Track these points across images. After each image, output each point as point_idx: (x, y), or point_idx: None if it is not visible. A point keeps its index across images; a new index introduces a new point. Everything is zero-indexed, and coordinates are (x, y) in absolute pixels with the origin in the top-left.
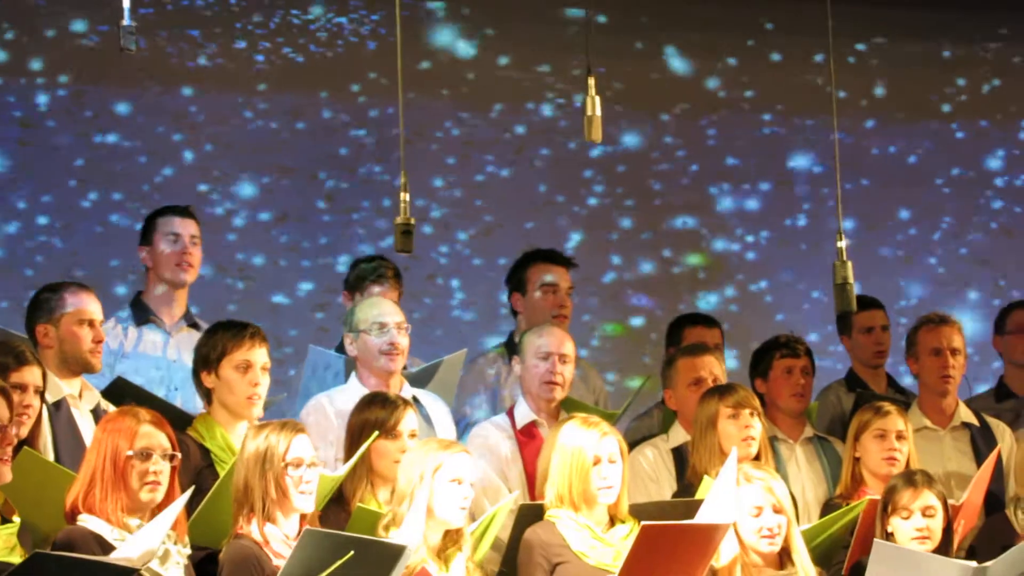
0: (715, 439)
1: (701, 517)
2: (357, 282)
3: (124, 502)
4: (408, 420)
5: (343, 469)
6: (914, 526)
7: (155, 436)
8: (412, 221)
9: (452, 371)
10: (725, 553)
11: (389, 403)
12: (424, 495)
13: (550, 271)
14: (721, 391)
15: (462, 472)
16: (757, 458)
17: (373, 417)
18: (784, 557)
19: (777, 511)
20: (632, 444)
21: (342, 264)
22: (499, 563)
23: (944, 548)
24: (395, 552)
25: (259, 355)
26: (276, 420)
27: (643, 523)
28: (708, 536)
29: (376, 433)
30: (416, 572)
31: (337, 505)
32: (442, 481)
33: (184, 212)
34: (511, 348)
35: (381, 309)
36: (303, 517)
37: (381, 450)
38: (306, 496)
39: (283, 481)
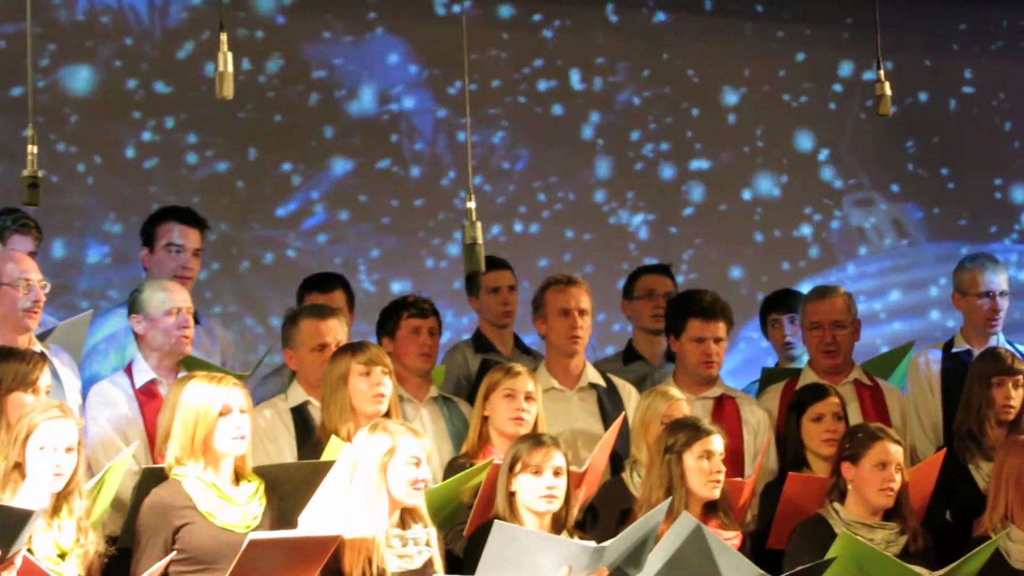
0: (346, 397)
1: (307, 528)
2: None
3: None
4: (45, 375)
5: None
6: (545, 484)
7: None
8: (39, 174)
9: (77, 332)
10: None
11: (26, 356)
12: (14, 458)
13: (177, 231)
14: (352, 348)
15: (51, 439)
16: (388, 415)
17: (11, 371)
18: (406, 513)
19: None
20: (259, 402)
21: None
22: (120, 526)
23: (564, 512)
24: (21, 517)
25: None
26: None
27: (249, 537)
28: (317, 548)
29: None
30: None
31: None
32: (33, 447)
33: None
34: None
35: (24, 265)
36: None
37: (18, 404)
38: None
39: None
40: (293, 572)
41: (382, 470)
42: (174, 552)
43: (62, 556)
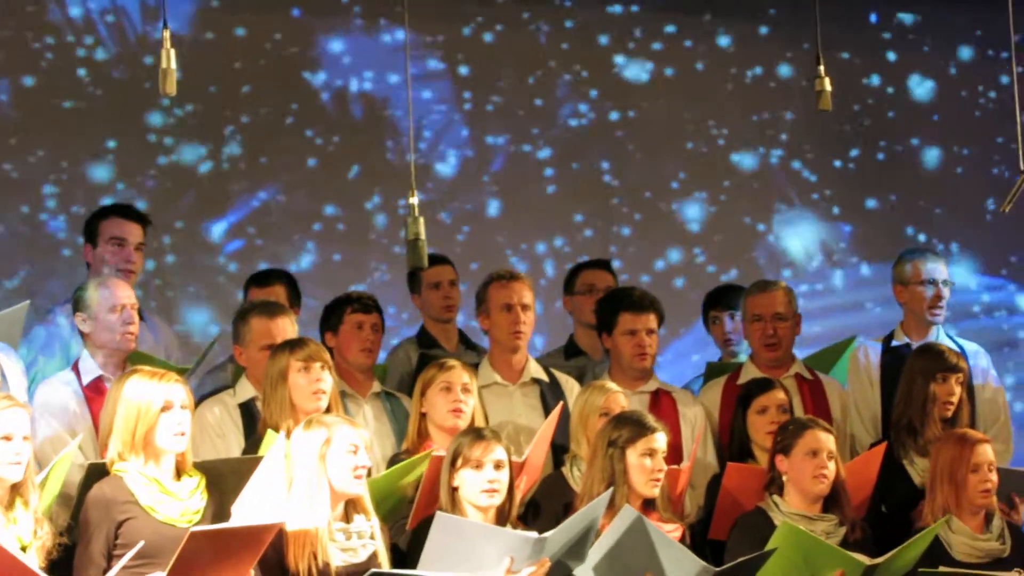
0: (285, 393)
1: (244, 516)
2: None
3: None
4: None
5: None
6: (486, 478)
7: None
8: None
9: (13, 323)
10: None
11: None
12: None
13: (120, 226)
14: (291, 345)
15: (8, 427)
16: (328, 411)
17: None
18: (350, 507)
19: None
20: (204, 397)
21: None
22: (67, 519)
23: (506, 505)
24: None
25: None
26: None
27: (191, 530)
28: (257, 536)
29: None
30: None
31: None
32: None
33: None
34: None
35: None
36: None
37: None
38: None
39: None
40: (231, 562)
41: (321, 460)
42: (141, 543)
43: (23, 550)
